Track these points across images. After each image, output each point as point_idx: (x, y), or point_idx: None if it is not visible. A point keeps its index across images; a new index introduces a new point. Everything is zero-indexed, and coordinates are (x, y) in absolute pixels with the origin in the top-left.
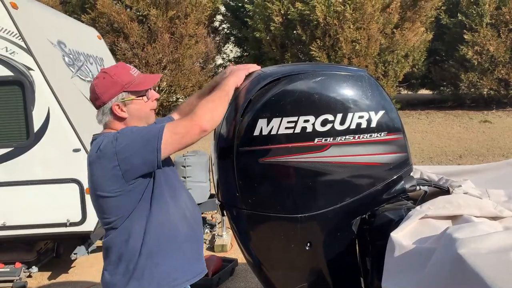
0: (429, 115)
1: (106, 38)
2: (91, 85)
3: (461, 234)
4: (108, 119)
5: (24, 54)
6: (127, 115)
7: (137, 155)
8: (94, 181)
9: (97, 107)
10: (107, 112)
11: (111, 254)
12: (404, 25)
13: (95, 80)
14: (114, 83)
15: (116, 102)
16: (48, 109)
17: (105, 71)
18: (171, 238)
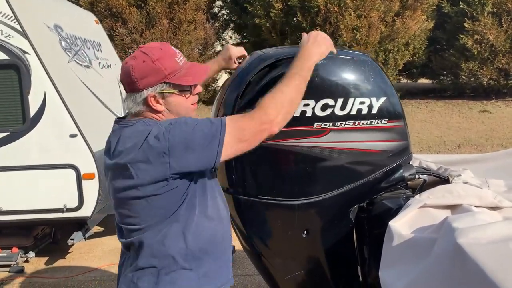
0: (429, 104)
1: (104, 23)
2: (124, 65)
3: (460, 223)
4: (139, 109)
5: (20, 38)
6: (163, 109)
7: (193, 154)
8: (131, 176)
9: (128, 91)
10: (140, 102)
11: (141, 257)
12: (405, 13)
13: (132, 60)
14: (156, 70)
15: (153, 93)
16: (45, 94)
17: (146, 53)
18: (210, 241)
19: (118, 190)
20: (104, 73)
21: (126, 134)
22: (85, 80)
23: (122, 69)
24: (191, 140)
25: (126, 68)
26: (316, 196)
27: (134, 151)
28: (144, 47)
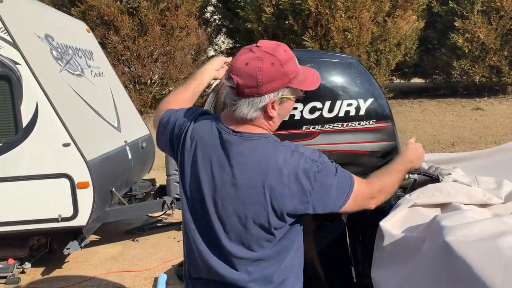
0: (422, 103)
1: (97, 31)
2: (246, 66)
3: (448, 221)
4: (256, 115)
5: (10, 49)
6: (276, 115)
7: (329, 201)
8: (274, 198)
9: (244, 95)
10: (260, 108)
11: (261, 274)
12: (396, 13)
13: (257, 61)
14: (283, 74)
15: (275, 99)
16: (37, 104)
17: (272, 55)
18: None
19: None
20: (96, 81)
21: (258, 151)
22: (77, 88)
23: (243, 70)
24: (332, 189)
25: (250, 70)
26: None
27: (272, 174)
28: (266, 47)
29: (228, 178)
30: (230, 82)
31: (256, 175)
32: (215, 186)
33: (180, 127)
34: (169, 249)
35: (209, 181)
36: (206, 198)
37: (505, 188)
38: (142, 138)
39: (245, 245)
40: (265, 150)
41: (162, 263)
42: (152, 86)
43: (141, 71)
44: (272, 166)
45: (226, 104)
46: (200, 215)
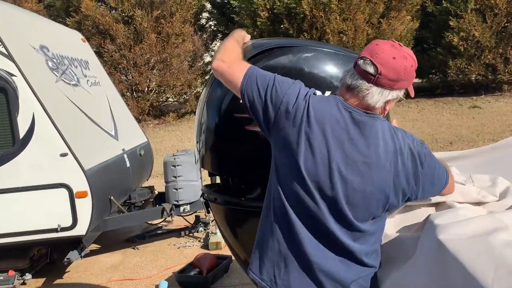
0: (419, 103)
1: (92, 41)
2: (397, 61)
3: (441, 220)
4: (380, 106)
5: (5, 60)
6: (387, 110)
7: (427, 189)
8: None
9: (380, 85)
10: (386, 100)
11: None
12: (390, 14)
13: (404, 60)
14: (412, 77)
15: (397, 96)
16: (33, 115)
17: (413, 58)
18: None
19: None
20: (92, 91)
21: (386, 132)
22: (74, 98)
23: (390, 63)
24: (434, 177)
25: (397, 65)
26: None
27: (396, 153)
28: (408, 50)
29: (361, 157)
30: (372, 69)
31: (385, 155)
32: (346, 163)
33: (291, 104)
34: (170, 256)
35: (340, 158)
36: (333, 175)
37: (500, 186)
38: (140, 146)
39: (363, 219)
40: (389, 132)
41: (162, 271)
42: (149, 94)
43: (138, 79)
44: (397, 146)
45: (352, 86)
46: (325, 191)
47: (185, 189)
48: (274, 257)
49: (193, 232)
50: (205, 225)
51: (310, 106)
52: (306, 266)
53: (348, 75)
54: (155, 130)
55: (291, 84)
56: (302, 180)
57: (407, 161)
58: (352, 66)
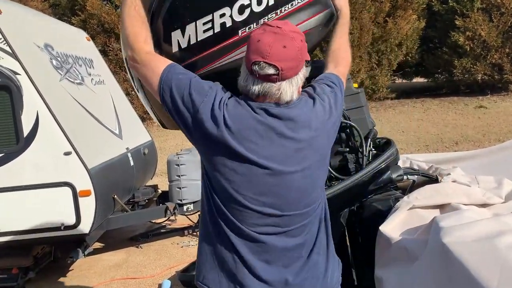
0: (424, 103)
1: (98, 39)
2: (288, 49)
3: (446, 222)
4: (297, 93)
5: (9, 59)
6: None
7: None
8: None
9: (287, 78)
10: (298, 86)
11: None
12: (396, 13)
13: (293, 41)
14: (306, 47)
15: (304, 73)
16: (37, 113)
17: (297, 32)
18: None
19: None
20: (97, 89)
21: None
22: (78, 97)
23: (283, 55)
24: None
25: (291, 52)
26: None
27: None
28: (287, 25)
29: (292, 145)
30: (271, 70)
31: (308, 133)
32: (283, 159)
33: (208, 115)
34: (173, 255)
35: (274, 155)
36: (274, 170)
37: (506, 187)
38: (144, 145)
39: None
40: (312, 104)
41: (165, 270)
42: None
43: None
44: (326, 109)
45: (262, 93)
46: (268, 188)
47: (188, 188)
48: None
49: (197, 231)
50: None
51: (226, 115)
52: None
53: (249, 84)
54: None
55: (207, 91)
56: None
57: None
58: (247, 73)
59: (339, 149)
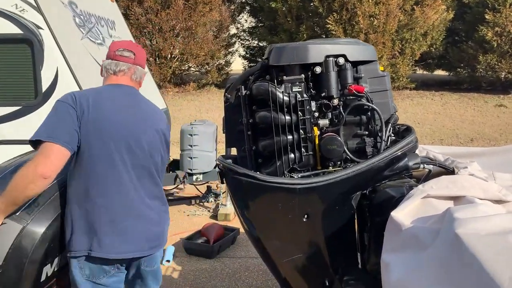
0: (443, 96)
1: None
2: (139, 48)
3: (461, 214)
4: (139, 81)
5: (34, 12)
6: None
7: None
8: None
9: (137, 64)
10: (142, 75)
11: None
12: (425, 1)
13: (140, 47)
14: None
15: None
16: (57, 69)
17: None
18: None
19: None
20: None
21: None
22: (98, 57)
23: (137, 48)
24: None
25: (141, 50)
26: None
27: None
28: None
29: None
30: (129, 53)
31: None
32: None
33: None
34: (179, 222)
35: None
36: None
37: None
38: None
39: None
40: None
41: (170, 236)
42: (172, 61)
43: (162, 45)
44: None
45: (119, 70)
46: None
47: (199, 159)
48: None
49: (204, 201)
50: (216, 196)
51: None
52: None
53: (110, 67)
54: (174, 98)
55: (60, 111)
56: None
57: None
58: (108, 58)
59: (358, 131)
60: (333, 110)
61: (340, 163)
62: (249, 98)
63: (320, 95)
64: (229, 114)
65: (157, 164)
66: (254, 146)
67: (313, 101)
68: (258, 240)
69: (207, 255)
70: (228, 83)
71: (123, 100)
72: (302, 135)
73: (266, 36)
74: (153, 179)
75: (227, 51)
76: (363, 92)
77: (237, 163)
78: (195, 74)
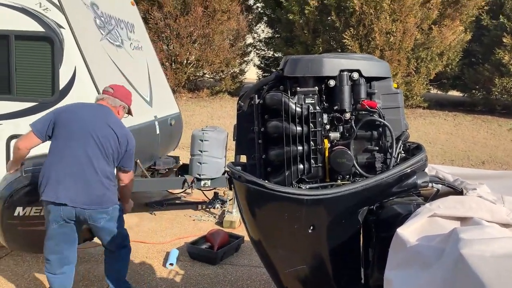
0: (457, 117)
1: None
2: (122, 88)
3: (467, 235)
4: (116, 106)
5: (56, 12)
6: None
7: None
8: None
9: (115, 97)
10: (117, 105)
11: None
12: (443, 22)
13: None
14: (127, 99)
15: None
16: (75, 68)
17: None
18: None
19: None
20: (134, 54)
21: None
22: (115, 59)
23: (123, 89)
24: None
25: (124, 89)
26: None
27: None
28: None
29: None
30: (109, 89)
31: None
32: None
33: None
34: (184, 226)
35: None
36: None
37: None
38: (172, 116)
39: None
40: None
41: (175, 239)
42: (187, 67)
43: (179, 50)
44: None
45: (97, 98)
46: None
47: (209, 165)
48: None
49: (210, 207)
50: (222, 202)
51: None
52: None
53: (97, 96)
54: (187, 103)
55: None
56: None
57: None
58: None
59: (369, 146)
60: (345, 123)
61: (348, 177)
62: (262, 107)
63: (333, 108)
64: (241, 122)
65: (108, 150)
66: (264, 155)
67: (325, 113)
68: (262, 248)
69: (210, 261)
70: (242, 91)
71: (92, 110)
72: (312, 147)
73: (282, 47)
74: (106, 160)
75: (242, 60)
76: (376, 108)
77: (246, 171)
78: (209, 81)
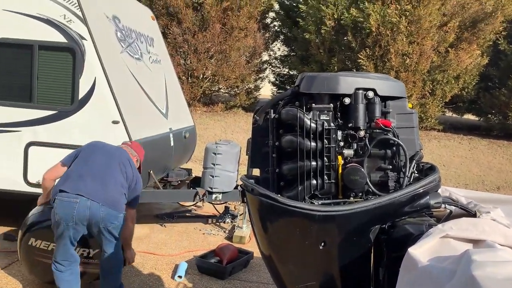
0: (472, 141)
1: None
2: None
3: (479, 257)
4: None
5: (79, 24)
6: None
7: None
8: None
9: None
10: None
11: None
12: (460, 45)
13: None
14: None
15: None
16: (95, 79)
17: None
18: None
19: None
20: (153, 68)
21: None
22: (134, 71)
23: (139, 147)
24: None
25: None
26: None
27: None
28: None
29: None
30: (127, 142)
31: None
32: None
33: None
34: (194, 239)
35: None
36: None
37: None
38: (186, 129)
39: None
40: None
41: (184, 252)
42: (203, 81)
43: (196, 65)
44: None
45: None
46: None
47: (221, 178)
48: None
49: (220, 221)
50: (233, 217)
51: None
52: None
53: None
54: (202, 117)
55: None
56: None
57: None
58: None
59: (382, 165)
60: (359, 141)
61: (361, 194)
62: (277, 122)
63: (347, 125)
64: (256, 136)
65: (125, 173)
66: (277, 169)
67: (339, 130)
68: (272, 262)
69: (219, 275)
70: (258, 106)
71: (114, 147)
72: (326, 163)
73: (297, 65)
74: (123, 176)
75: (258, 76)
76: (390, 127)
77: (259, 184)
78: (224, 96)
